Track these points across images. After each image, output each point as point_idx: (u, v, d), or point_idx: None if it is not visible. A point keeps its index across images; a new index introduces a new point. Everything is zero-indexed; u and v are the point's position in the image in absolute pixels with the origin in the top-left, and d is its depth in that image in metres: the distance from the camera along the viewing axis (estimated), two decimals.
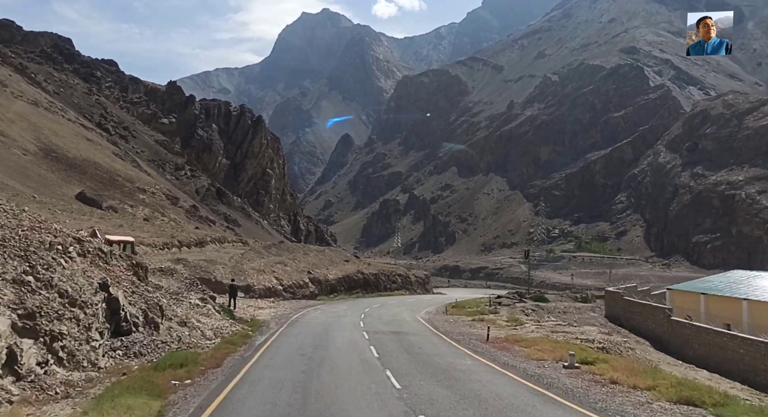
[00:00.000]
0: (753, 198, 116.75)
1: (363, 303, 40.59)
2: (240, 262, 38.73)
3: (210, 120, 70.39)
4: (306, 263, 48.59)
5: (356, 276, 52.37)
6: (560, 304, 44.38)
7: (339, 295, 47.20)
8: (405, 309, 36.67)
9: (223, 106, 73.14)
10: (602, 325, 32.57)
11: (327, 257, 55.68)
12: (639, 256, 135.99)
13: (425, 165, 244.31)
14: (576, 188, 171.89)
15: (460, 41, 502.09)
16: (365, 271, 56.11)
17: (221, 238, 48.12)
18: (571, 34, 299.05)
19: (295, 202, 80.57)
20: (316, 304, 38.67)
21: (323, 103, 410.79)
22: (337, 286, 48.34)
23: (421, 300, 48.90)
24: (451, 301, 43.73)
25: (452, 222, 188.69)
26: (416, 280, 65.88)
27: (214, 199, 52.61)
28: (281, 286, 39.38)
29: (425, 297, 56.70)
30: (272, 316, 28.19)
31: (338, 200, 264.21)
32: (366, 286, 53.49)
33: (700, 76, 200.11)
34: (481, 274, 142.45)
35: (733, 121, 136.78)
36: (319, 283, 45.32)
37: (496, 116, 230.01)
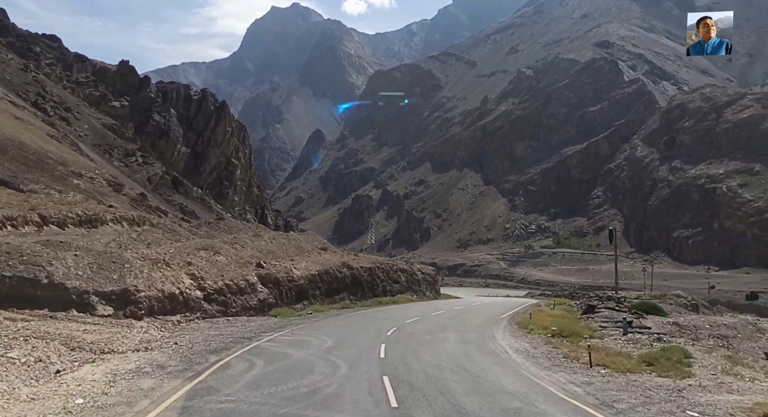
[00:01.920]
0: (735, 191, 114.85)
1: (362, 324, 23.46)
2: (125, 246, 23.02)
3: (168, 104, 63.68)
4: (255, 251, 31.17)
5: (340, 272, 34.67)
6: (685, 318, 31.54)
7: (312, 305, 29.84)
8: (474, 347, 17.58)
9: (182, 90, 66.44)
10: None
11: (292, 243, 37.56)
12: (619, 252, 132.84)
13: (398, 160, 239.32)
14: (552, 183, 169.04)
15: (432, 38, 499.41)
16: (354, 264, 37.73)
17: (139, 218, 32.03)
18: (543, 29, 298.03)
19: (263, 195, 74.23)
20: (264, 328, 20.44)
21: (294, 98, 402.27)
22: (309, 289, 30.73)
23: (458, 311, 33.08)
24: (504, 312, 31.90)
25: (427, 218, 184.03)
26: (423, 279, 50.42)
27: (170, 188, 46.38)
28: (201, 292, 22.40)
29: (450, 304, 41.77)
30: None
31: (309, 196, 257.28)
32: (355, 287, 36.60)
33: (673, 72, 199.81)
34: (458, 271, 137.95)
35: (711, 115, 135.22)
36: (276, 284, 27.60)
37: (470, 111, 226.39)
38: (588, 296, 53.37)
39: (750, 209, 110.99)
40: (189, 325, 19.66)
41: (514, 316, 29.85)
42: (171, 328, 18.40)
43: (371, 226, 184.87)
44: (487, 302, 45.66)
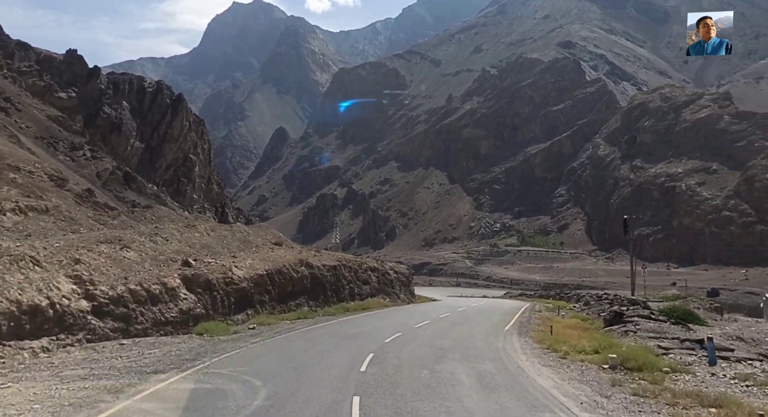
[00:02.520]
0: (693, 190, 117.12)
1: (323, 348, 17.27)
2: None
3: (119, 96, 60.16)
4: (184, 245, 25.44)
5: (296, 271, 28.80)
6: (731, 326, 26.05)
7: (258, 315, 24.27)
8: (508, 397, 11.41)
9: (135, 82, 62.94)
10: None
11: (237, 237, 31.99)
12: (582, 250, 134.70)
13: (364, 159, 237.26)
14: (516, 182, 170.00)
15: (396, 37, 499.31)
16: (314, 262, 31.73)
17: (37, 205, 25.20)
18: (507, 29, 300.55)
19: (223, 193, 71.26)
20: (169, 361, 14.40)
21: (256, 95, 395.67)
22: (254, 294, 24.79)
23: (447, 320, 27.74)
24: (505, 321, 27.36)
25: (392, 217, 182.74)
26: (397, 279, 43.87)
27: (121, 184, 43.36)
28: (88, 302, 16.51)
29: (431, 309, 36.15)
30: None
31: (273, 195, 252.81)
32: (317, 290, 30.85)
33: (633, 72, 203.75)
34: (424, 269, 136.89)
35: (670, 114, 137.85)
36: (208, 288, 21.68)
37: (435, 110, 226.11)
38: (579, 295, 51.18)
39: (708, 207, 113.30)
40: (51, 358, 13.42)
41: (520, 327, 24.82)
42: (11, 366, 12.36)
43: (336, 225, 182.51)
44: (473, 306, 41.23)
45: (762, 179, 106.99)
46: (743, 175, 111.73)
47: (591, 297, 44.13)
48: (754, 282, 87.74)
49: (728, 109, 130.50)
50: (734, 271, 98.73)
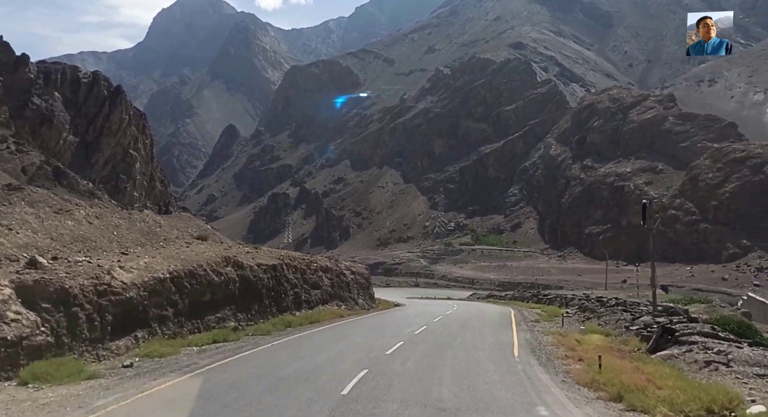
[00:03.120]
0: (641, 189, 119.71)
1: None
2: None
3: (51, 87, 55.56)
4: (42, 236, 20.32)
5: (218, 273, 21.88)
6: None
7: (149, 341, 17.12)
8: None
9: (69, 72, 58.30)
10: None
11: (138, 227, 26.22)
12: (535, 248, 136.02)
13: (317, 158, 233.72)
14: (470, 181, 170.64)
15: (350, 35, 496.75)
16: (246, 261, 24.91)
17: None
18: (459, 30, 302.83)
19: (167, 191, 67.28)
20: None
21: (205, 92, 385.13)
22: (149, 308, 17.61)
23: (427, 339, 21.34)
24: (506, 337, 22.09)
25: (346, 216, 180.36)
26: (355, 281, 37.50)
27: (50, 180, 39.56)
28: None
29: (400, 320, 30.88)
30: None
31: (223, 194, 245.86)
32: (249, 298, 23.94)
33: (582, 74, 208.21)
34: (379, 269, 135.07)
35: (618, 115, 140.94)
36: (64, 301, 14.26)
37: (389, 109, 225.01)
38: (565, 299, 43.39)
39: (655, 206, 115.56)
40: None
41: (531, 350, 18.58)
42: None
43: (288, 225, 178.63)
44: (449, 313, 35.57)
45: (705, 179, 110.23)
46: (687, 174, 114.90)
47: (590, 301, 36.48)
48: (699, 278, 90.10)
49: (672, 110, 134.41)
50: (680, 268, 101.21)
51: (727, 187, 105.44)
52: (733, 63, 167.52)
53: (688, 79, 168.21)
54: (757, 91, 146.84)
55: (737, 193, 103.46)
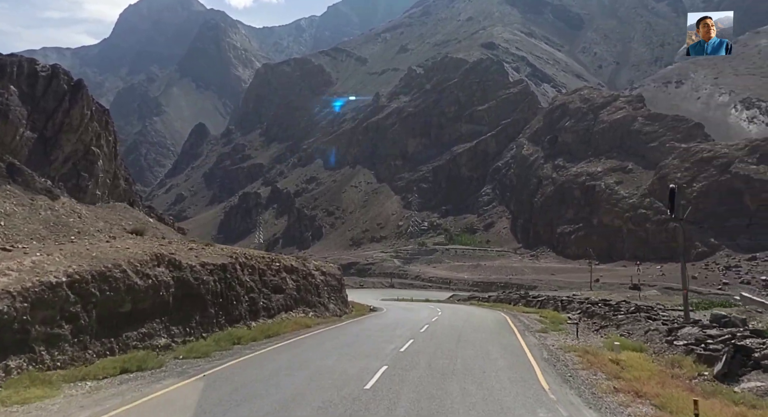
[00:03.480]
0: (612, 188, 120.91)
1: None
2: None
3: (6, 80, 52.53)
4: None
5: (144, 276, 16.91)
6: None
7: (23, 375, 12.06)
8: None
9: (25, 64, 55.27)
10: None
11: (42, 217, 23.48)
12: (508, 248, 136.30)
13: (288, 157, 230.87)
14: (443, 181, 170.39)
15: (322, 35, 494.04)
16: (185, 260, 19.80)
17: None
18: (432, 30, 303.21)
19: (132, 189, 64.67)
20: None
21: (174, 90, 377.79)
22: (31, 325, 12.89)
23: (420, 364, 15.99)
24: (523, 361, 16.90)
25: (319, 216, 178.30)
26: (325, 283, 33.20)
27: (3, 177, 37.14)
28: None
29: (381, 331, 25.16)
30: None
31: (192, 194, 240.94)
32: (185, 307, 18.89)
33: (552, 75, 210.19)
34: (352, 269, 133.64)
35: (589, 115, 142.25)
36: None
37: (362, 108, 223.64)
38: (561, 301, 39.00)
39: (625, 205, 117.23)
40: None
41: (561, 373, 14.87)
42: None
43: (259, 225, 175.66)
44: (434, 321, 30.55)
45: (673, 178, 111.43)
46: (657, 174, 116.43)
47: (596, 305, 31.74)
48: (670, 277, 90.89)
49: (641, 110, 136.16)
50: (651, 267, 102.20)
51: (695, 186, 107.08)
52: (698, 65, 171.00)
53: (656, 81, 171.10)
54: (722, 92, 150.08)
55: (705, 193, 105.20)
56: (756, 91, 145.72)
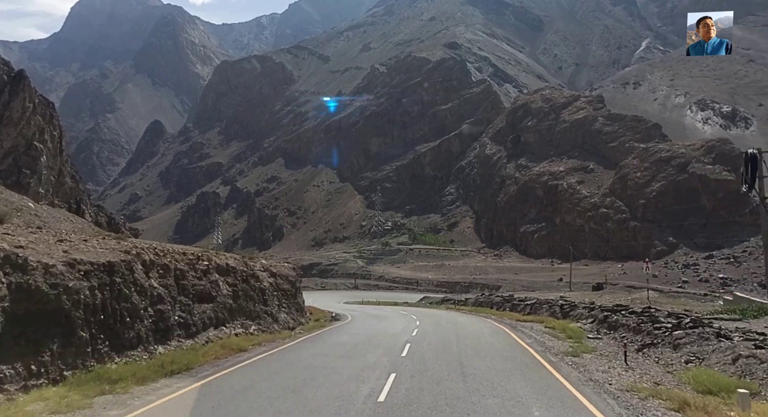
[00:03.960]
0: (574, 188, 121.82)
1: None
2: None
3: None
4: None
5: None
6: None
7: None
8: None
9: None
10: None
11: None
12: (471, 247, 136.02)
13: (249, 156, 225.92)
14: (407, 180, 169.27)
15: (283, 32, 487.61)
16: (40, 257, 12.31)
17: None
18: (394, 29, 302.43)
19: (79, 187, 60.85)
20: None
21: (129, 86, 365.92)
22: None
23: None
24: None
25: (280, 216, 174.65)
26: (275, 287, 26.39)
27: None
28: None
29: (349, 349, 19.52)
30: None
31: (147, 193, 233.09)
32: (37, 329, 11.49)
33: (514, 75, 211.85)
34: (314, 270, 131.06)
35: (551, 115, 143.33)
36: None
37: (324, 106, 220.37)
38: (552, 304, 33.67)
39: (587, 205, 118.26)
40: None
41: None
42: None
43: (218, 225, 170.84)
44: (415, 335, 23.81)
45: (634, 178, 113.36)
46: (617, 173, 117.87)
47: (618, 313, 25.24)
48: (631, 276, 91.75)
49: (601, 111, 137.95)
50: (612, 266, 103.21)
51: (654, 185, 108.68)
52: (655, 67, 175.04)
53: (614, 82, 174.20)
54: (678, 94, 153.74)
55: (663, 192, 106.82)
56: (710, 93, 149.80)
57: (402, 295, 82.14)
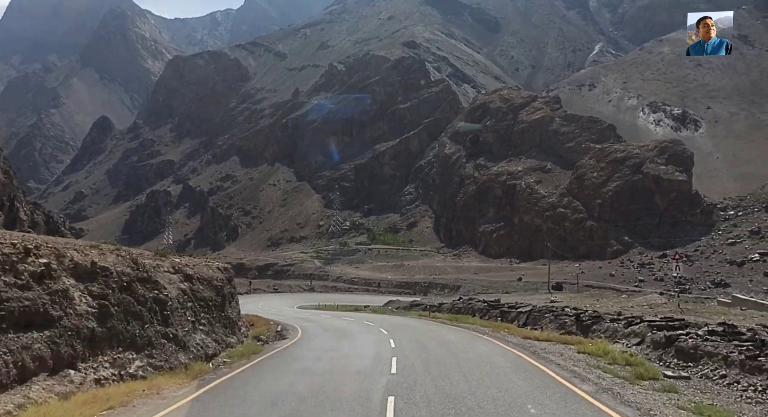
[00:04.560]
0: (532, 188, 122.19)
1: None
2: None
3: None
4: None
5: None
6: None
7: None
8: None
9: None
10: None
11: None
12: (430, 247, 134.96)
13: (202, 153, 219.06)
14: (365, 180, 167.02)
15: (238, 29, 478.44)
16: None
17: None
18: (353, 27, 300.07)
19: (13, 183, 56.11)
20: None
21: (74, 80, 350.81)
22: None
23: None
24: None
25: (234, 215, 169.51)
26: (189, 298, 18.66)
27: None
28: None
29: (284, 397, 12.02)
30: None
31: (93, 192, 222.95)
32: None
33: (473, 75, 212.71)
34: (269, 271, 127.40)
35: (509, 115, 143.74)
36: None
37: (281, 104, 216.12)
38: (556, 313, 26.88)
39: (545, 204, 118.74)
40: None
41: None
42: None
43: (168, 225, 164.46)
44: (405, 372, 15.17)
45: (590, 177, 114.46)
46: (574, 173, 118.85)
47: (672, 329, 18.19)
48: (589, 275, 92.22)
49: (558, 111, 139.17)
50: (569, 265, 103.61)
51: (610, 185, 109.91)
52: (609, 69, 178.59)
53: (570, 84, 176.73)
54: (631, 96, 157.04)
55: (619, 192, 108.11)
56: (661, 95, 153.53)
57: (363, 298, 77.80)
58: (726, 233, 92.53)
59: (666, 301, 31.39)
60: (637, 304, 30.50)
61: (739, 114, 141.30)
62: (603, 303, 31.83)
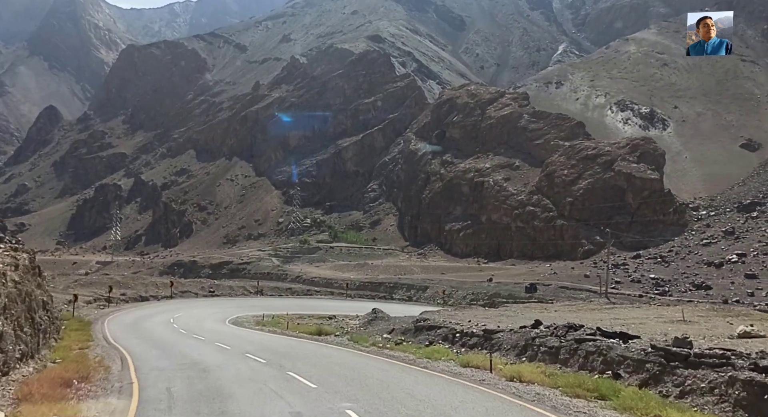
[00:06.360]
0: (500, 185, 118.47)
1: None
2: None
3: None
4: None
5: None
6: None
7: None
8: None
9: None
10: None
11: None
12: (395, 246, 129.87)
13: (156, 147, 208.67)
14: (328, 176, 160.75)
15: (198, 21, 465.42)
16: None
17: None
18: (316, 21, 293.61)
19: None
20: None
21: (21, 69, 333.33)
22: None
23: None
24: None
25: (189, 211, 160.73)
26: None
27: None
28: None
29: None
30: None
31: (38, 185, 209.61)
32: None
33: (438, 72, 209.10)
34: (224, 269, 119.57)
35: (477, 111, 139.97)
36: None
37: (240, 97, 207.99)
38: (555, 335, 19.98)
39: (514, 202, 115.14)
40: None
41: None
42: None
43: (116, 220, 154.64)
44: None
45: (560, 175, 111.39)
46: (543, 171, 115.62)
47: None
48: (562, 276, 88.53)
49: (527, 108, 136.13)
50: (540, 265, 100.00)
51: (581, 183, 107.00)
52: (576, 67, 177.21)
53: (537, 81, 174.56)
54: (599, 94, 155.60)
55: (590, 190, 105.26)
56: (628, 94, 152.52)
57: (328, 305, 65.19)
58: (700, 233, 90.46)
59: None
60: None
61: (706, 114, 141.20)
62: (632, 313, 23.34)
